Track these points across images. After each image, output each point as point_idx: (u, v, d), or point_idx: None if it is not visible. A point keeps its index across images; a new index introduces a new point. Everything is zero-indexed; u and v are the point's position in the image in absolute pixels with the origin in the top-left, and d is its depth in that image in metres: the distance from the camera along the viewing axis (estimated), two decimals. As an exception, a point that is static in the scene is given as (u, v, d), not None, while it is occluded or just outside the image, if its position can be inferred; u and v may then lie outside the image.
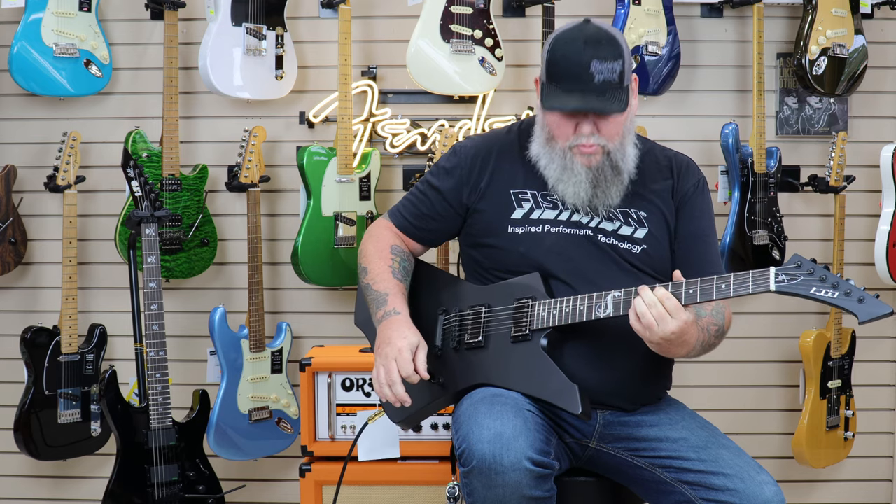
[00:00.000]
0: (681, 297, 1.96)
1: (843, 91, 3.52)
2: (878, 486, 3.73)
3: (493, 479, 1.91)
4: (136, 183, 3.03)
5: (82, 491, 3.60)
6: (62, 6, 3.25)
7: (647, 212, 2.25)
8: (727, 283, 1.93)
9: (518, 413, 1.99)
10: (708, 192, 2.35)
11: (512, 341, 2.15)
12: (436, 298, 2.34)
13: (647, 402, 2.25)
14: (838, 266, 3.47)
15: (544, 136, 2.20)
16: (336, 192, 3.37)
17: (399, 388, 2.09)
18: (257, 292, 3.35)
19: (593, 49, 2.07)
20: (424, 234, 2.37)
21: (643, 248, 2.22)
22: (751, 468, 2.03)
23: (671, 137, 3.54)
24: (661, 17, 3.45)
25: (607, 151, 2.15)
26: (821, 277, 1.86)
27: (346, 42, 3.33)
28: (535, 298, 2.15)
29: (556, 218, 2.22)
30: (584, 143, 2.13)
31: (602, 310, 2.05)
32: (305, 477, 2.76)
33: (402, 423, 2.32)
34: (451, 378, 2.23)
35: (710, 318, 2.15)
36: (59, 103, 3.49)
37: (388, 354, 2.11)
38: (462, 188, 2.29)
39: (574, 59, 2.07)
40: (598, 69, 2.06)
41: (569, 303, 2.10)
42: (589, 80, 2.07)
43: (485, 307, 2.22)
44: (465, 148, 2.33)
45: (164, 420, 3.04)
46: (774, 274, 1.89)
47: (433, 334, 2.28)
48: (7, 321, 3.54)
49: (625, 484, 2.24)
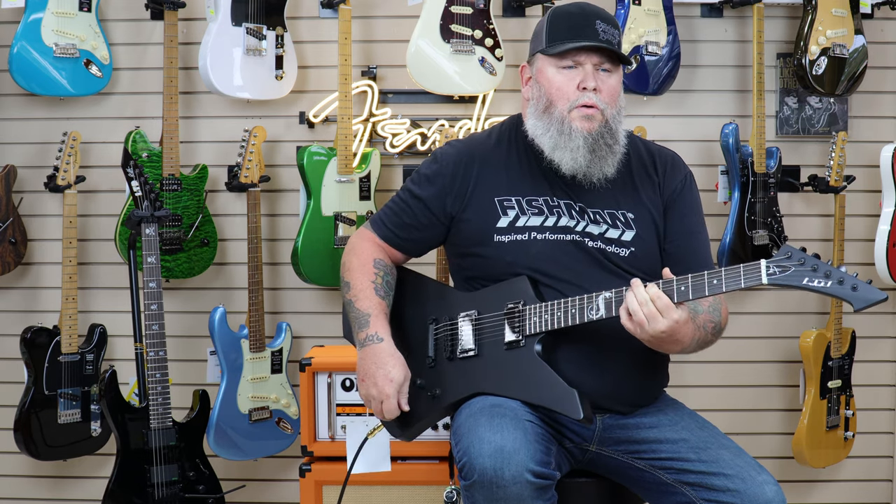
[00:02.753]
0: (672, 294, 1.95)
1: (843, 91, 3.52)
2: (878, 486, 3.73)
3: (495, 493, 1.91)
4: (136, 183, 3.03)
5: (82, 491, 3.60)
6: (62, 6, 3.25)
7: (635, 212, 2.23)
8: (718, 279, 1.92)
9: (518, 425, 1.98)
10: (695, 187, 2.33)
11: (506, 348, 2.14)
12: (424, 307, 2.30)
13: (643, 403, 2.24)
14: (838, 266, 3.46)
15: (541, 106, 2.20)
16: (336, 192, 3.37)
17: (392, 416, 2.20)
18: (257, 292, 3.35)
19: (596, 13, 2.17)
20: (408, 244, 2.34)
21: (631, 250, 2.21)
22: (751, 468, 2.03)
23: (671, 137, 3.54)
24: (661, 17, 3.45)
25: (605, 119, 2.16)
26: (812, 267, 1.84)
27: (346, 42, 3.33)
28: (525, 303, 2.13)
29: (542, 224, 2.20)
30: (587, 102, 2.14)
31: (594, 311, 2.04)
32: (305, 477, 2.76)
33: (402, 437, 2.30)
34: (446, 389, 2.20)
35: (707, 316, 2.14)
36: (59, 103, 3.49)
37: (374, 397, 2.19)
38: (445, 197, 2.26)
39: (579, 18, 2.16)
40: (603, 28, 2.15)
41: (560, 306, 2.09)
42: (594, 35, 2.14)
43: (475, 314, 2.20)
44: (447, 154, 2.29)
45: (164, 420, 3.04)
46: (766, 266, 1.87)
47: (425, 345, 2.26)
48: (7, 321, 3.54)
49: (626, 485, 2.23)
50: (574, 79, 2.16)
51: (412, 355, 2.25)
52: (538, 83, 2.21)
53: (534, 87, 2.23)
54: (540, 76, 2.20)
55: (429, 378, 2.22)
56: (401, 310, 2.31)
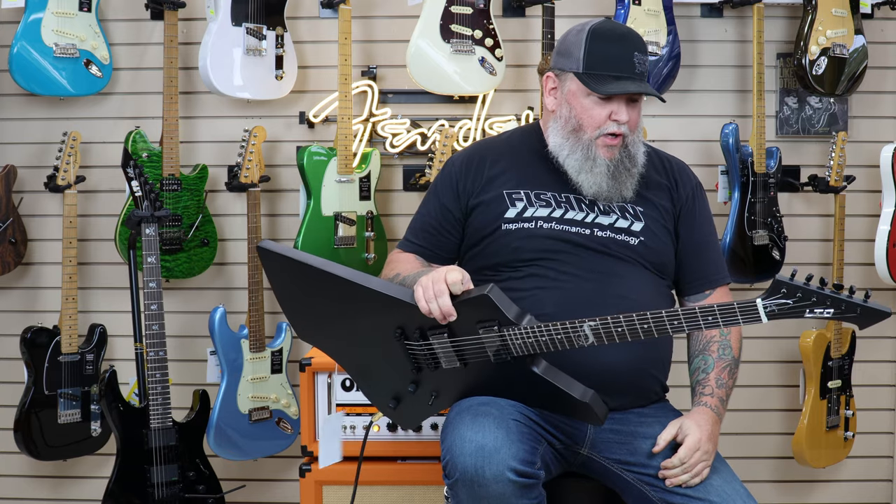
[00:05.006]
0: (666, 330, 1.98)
1: (843, 91, 3.52)
2: (878, 486, 3.73)
3: (477, 492, 1.92)
4: (136, 183, 3.04)
5: (82, 491, 3.60)
6: (62, 6, 3.25)
7: (645, 207, 2.28)
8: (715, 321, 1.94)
9: (501, 423, 1.97)
10: (704, 194, 2.40)
11: (495, 362, 2.06)
12: (386, 313, 2.11)
13: (636, 403, 2.24)
14: (838, 266, 3.47)
15: (569, 127, 2.24)
16: (336, 192, 3.37)
17: (445, 300, 2.01)
18: (257, 292, 3.35)
19: (633, 42, 2.21)
20: (440, 251, 2.38)
21: (640, 240, 2.24)
22: (739, 497, 2.03)
23: (671, 137, 3.54)
24: (661, 17, 3.45)
25: (626, 144, 2.23)
26: (812, 299, 1.84)
27: (346, 42, 3.33)
28: (499, 324, 2.02)
29: (549, 215, 2.24)
30: (613, 132, 2.20)
31: (584, 340, 2.01)
32: (305, 477, 2.76)
33: (403, 424, 2.28)
34: (443, 391, 2.15)
35: (721, 377, 2.24)
36: (59, 103, 3.49)
37: (431, 297, 2.02)
38: (459, 193, 2.34)
39: (619, 50, 2.19)
40: (640, 60, 2.20)
41: (543, 332, 2.01)
42: (632, 69, 2.19)
43: (447, 333, 2.06)
44: (454, 159, 2.40)
45: (164, 420, 3.04)
46: (763, 307, 1.87)
47: (400, 356, 2.13)
48: (7, 321, 3.54)
49: (616, 491, 2.23)
50: (606, 107, 2.20)
51: (389, 360, 2.15)
52: (568, 103, 2.24)
53: (563, 105, 2.26)
54: (572, 98, 2.23)
55: (421, 380, 2.15)
56: (357, 308, 2.14)
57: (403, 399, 2.19)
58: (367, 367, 2.22)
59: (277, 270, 2.21)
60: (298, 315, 2.25)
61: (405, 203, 3.58)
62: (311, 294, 2.18)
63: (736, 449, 3.57)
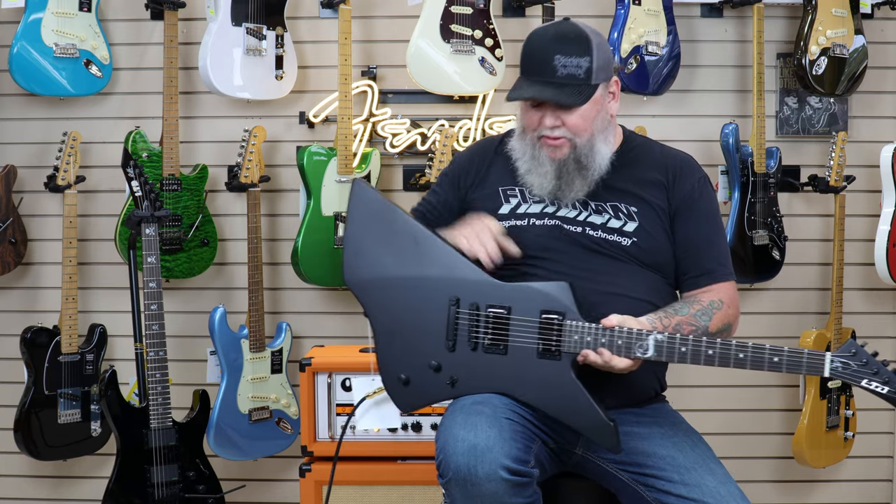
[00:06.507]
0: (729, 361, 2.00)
1: (843, 91, 3.52)
2: (878, 486, 3.73)
3: (470, 490, 1.92)
4: (136, 183, 3.04)
5: (82, 491, 3.60)
6: (62, 6, 3.25)
7: (638, 206, 2.25)
8: (780, 359, 2.00)
9: (493, 422, 1.97)
10: (710, 189, 2.33)
11: (538, 356, 2.07)
12: (447, 280, 2.14)
13: (632, 402, 2.23)
14: (838, 266, 3.47)
15: (518, 129, 2.29)
16: (336, 192, 3.37)
17: (491, 243, 2.15)
18: (257, 292, 3.35)
19: (560, 44, 2.15)
20: None
21: (633, 241, 2.22)
22: (732, 499, 2.02)
23: (671, 137, 3.54)
24: (661, 17, 3.45)
25: (574, 146, 2.19)
26: (874, 370, 1.95)
27: (346, 42, 3.33)
28: (564, 316, 2.06)
29: (541, 211, 2.25)
30: (548, 135, 2.19)
31: (643, 351, 2.02)
32: (305, 477, 2.76)
33: (399, 403, 2.19)
34: (466, 380, 2.12)
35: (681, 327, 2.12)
36: (59, 103, 3.49)
37: (475, 234, 2.16)
38: (459, 188, 2.38)
39: (540, 52, 2.16)
40: (562, 63, 2.14)
41: (604, 333, 2.03)
42: (551, 73, 2.14)
43: (505, 313, 2.10)
44: (460, 155, 2.47)
45: (164, 420, 3.04)
46: (830, 360, 1.97)
47: (442, 324, 2.13)
48: (7, 321, 3.54)
49: (611, 491, 2.23)
50: (537, 112, 2.20)
51: (425, 330, 2.13)
52: (518, 107, 2.29)
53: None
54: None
55: (447, 362, 2.12)
56: (422, 269, 2.16)
57: (414, 380, 2.14)
58: (400, 330, 2.16)
59: (362, 207, 2.23)
60: (360, 255, 2.21)
61: (405, 203, 3.57)
62: (385, 240, 2.19)
63: (736, 449, 3.57)
